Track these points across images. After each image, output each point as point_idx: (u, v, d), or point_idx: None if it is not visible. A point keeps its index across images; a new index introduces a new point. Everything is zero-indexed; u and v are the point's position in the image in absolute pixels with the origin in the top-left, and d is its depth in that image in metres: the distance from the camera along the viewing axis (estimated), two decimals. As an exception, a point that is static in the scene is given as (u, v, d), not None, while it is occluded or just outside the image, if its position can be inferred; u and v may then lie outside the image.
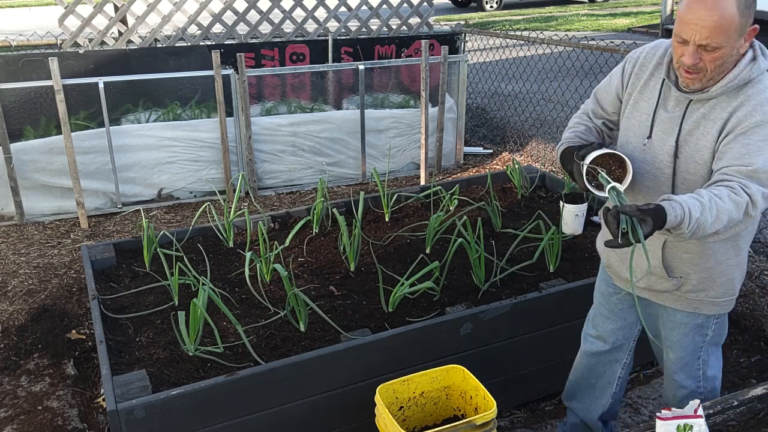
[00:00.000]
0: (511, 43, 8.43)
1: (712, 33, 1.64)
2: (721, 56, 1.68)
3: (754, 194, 1.66)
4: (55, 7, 15.00)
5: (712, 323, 2.03)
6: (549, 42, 5.21)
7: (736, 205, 1.64)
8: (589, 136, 2.07)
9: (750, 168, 1.67)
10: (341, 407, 2.34)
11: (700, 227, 1.62)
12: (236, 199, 3.81)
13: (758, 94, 1.73)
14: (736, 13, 1.63)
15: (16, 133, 4.59)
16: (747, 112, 1.71)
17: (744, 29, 1.67)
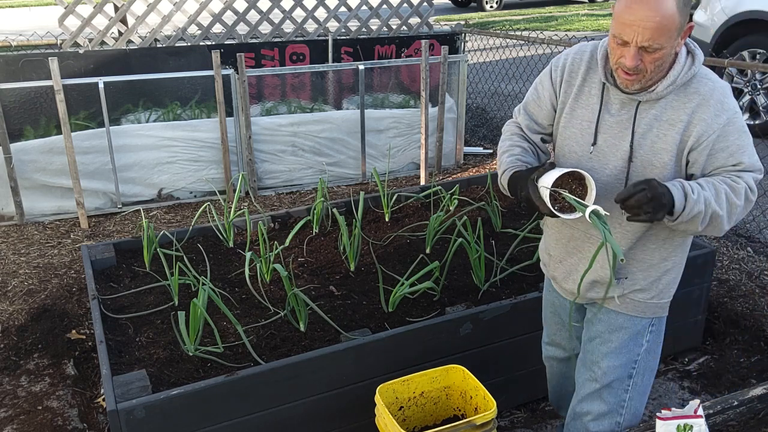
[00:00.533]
0: (511, 43, 8.44)
1: (655, 34, 1.60)
2: (661, 56, 1.65)
3: (749, 182, 1.70)
4: (55, 7, 15.00)
5: (647, 331, 1.95)
6: (549, 42, 5.21)
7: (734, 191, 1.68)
8: (528, 157, 1.95)
9: (739, 167, 1.71)
10: (341, 407, 2.34)
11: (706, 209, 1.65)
12: (236, 199, 3.81)
13: (713, 91, 1.71)
14: (677, 13, 1.60)
15: (16, 133, 4.59)
16: (712, 114, 1.69)
17: (683, 28, 1.64)
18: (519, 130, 2.03)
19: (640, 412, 2.02)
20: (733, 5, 5.78)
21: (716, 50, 5.75)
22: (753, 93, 5.59)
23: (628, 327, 1.94)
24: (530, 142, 2.00)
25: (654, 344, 1.98)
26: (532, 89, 1.99)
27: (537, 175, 1.72)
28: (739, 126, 1.72)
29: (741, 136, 1.71)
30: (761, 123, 5.49)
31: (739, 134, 1.71)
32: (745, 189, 1.70)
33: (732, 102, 1.72)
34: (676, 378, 2.96)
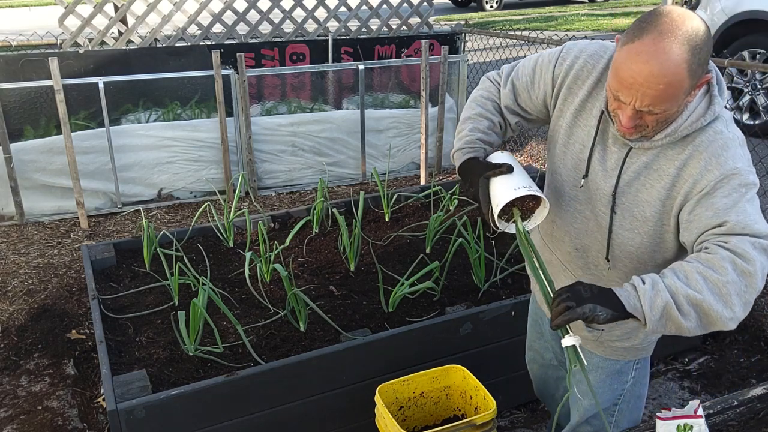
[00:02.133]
0: (511, 43, 8.43)
1: (656, 101, 1.35)
2: (666, 116, 1.41)
3: (738, 246, 1.33)
4: (55, 7, 15.00)
5: (632, 369, 1.83)
6: (549, 42, 5.21)
7: (711, 266, 1.33)
8: (492, 137, 1.76)
9: (724, 227, 1.37)
10: (341, 407, 2.34)
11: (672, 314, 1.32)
12: (236, 199, 3.81)
13: (708, 143, 1.44)
14: (686, 77, 1.33)
15: (16, 133, 4.59)
16: (702, 168, 1.43)
17: (693, 86, 1.37)
18: (496, 99, 1.80)
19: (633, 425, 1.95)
20: (733, 5, 5.78)
21: (716, 50, 5.75)
22: (753, 93, 5.59)
23: (605, 367, 1.82)
24: (503, 118, 1.80)
25: (640, 377, 1.88)
26: (530, 68, 1.73)
27: (491, 176, 1.57)
28: (735, 185, 1.40)
29: (735, 194, 1.39)
30: (761, 123, 5.49)
31: (731, 192, 1.39)
32: (731, 258, 1.32)
33: (733, 157, 1.42)
34: (676, 378, 2.96)
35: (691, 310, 1.32)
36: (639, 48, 1.33)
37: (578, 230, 1.70)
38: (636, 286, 1.35)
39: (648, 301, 1.32)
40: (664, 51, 1.31)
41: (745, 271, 1.32)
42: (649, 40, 1.32)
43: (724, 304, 1.31)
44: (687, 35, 1.32)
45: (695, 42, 1.32)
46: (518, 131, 1.83)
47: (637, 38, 1.34)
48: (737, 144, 1.44)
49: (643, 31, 1.34)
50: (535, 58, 1.73)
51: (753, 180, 1.42)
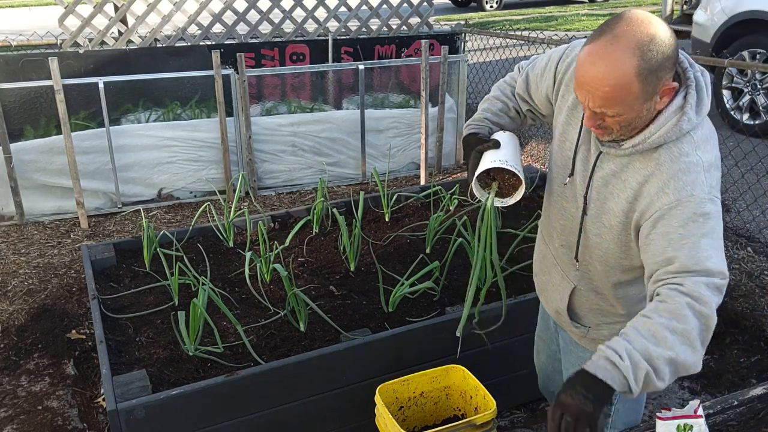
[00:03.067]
0: (511, 43, 8.43)
1: (606, 102, 1.38)
2: (625, 120, 1.42)
3: (693, 290, 1.32)
4: (55, 7, 15.00)
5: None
6: (549, 42, 5.21)
7: (674, 317, 1.31)
8: (502, 119, 1.82)
9: (677, 265, 1.35)
10: (341, 407, 2.34)
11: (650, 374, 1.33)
12: (236, 199, 3.81)
13: (671, 162, 1.42)
14: (635, 81, 1.34)
15: (16, 133, 4.59)
16: (659, 189, 1.42)
17: (652, 93, 1.38)
18: (511, 90, 1.86)
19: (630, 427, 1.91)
20: (733, 5, 5.78)
21: (716, 50, 5.75)
22: (753, 93, 5.59)
23: None
24: (518, 105, 1.85)
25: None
26: (543, 62, 1.76)
27: (481, 149, 1.67)
28: (691, 214, 1.37)
29: (691, 225, 1.37)
30: (761, 123, 5.49)
31: (687, 222, 1.37)
32: (689, 303, 1.31)
33: (692, 183, 1.40)
34: (676, 378, 2.96)
35: (667, 369, 1.34)
36: (591, 49, 1.38)
37: (563, 227, 1.73)
38: (615, 363, 1.31)
39: (632, 376, 1.31)
40: (611, 54, 1.34)
41: (703, 313, 1.32)
42: (602, 42, 1.36)
43: (693, 350, 1.34)
44: (639, 40, 1.33)
45: (647, 47, 1.33)
46: (537, 122, 1.89)
47: (593, 40, 1.38)
48: (700, 169, 1.42)
49: (601, 33, 1.38)
50: (550, 53, 1.76)
51: (711, 209, 1.39)
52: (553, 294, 1.83)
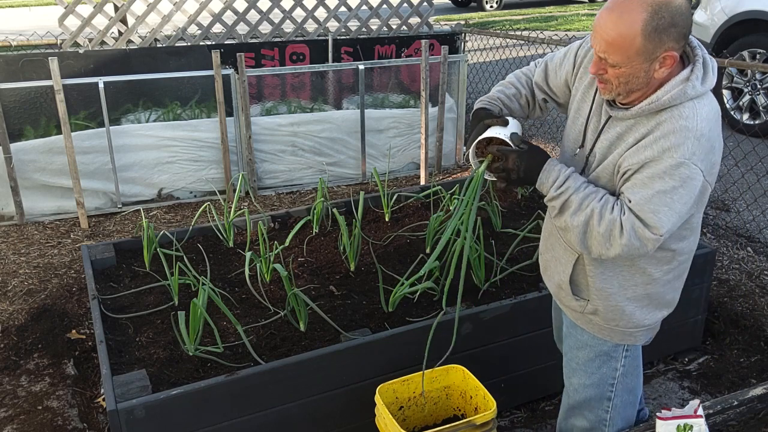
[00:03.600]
0: (511, 43, 8.43)
1: (609, 48, 1.52)
2: (623, 75, 1.55)
3: (626, 222, 1.55)
4: (55, 7, 15.00)
5: (621, 356, 1.87)
6: (549, 42, 5.21)
7: (601, 212, 1.58)
8: (513, 103, 1.91)
9: (629, 203, 1.57)
10: (341, 407, 2.34)
11: (569, 199, 1.63)
12: (236, 199, 3.81)
13: (669, 122, 1.55)
14: (640, 35, 1.47)
15: (16, 133, 4.59)
16: (648, 144, 1.56)
17: (652, 54, 1.51)
18: (531, 76, 1.96)
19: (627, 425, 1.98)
20: (733, 5, 5.78)
21: (716, 50, 5.75)
22: (753, 93, 5.59)
23: (593, 346, 1.89)
24: (532, 94, 1.95)
25: (631, 368, 1.91)
26: (563, 52, 1.89)
27: (489, 123, 1.77)
28: (660, 170, 1.53)
29: (656, 180, 1.53)
30: (761, 123, 5.49)
31: (651, 177, 1.54)
32: (613, 221, 1.56)
33: (677, 145, 1.52)
34: (676, 378, 2.96)
35: (561, 212, 1.64)
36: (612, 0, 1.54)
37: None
38: (555, 183, 1.64)
39: (552, 194, 1.65)
40: (626, 5, 1.50)
41: (616, 239, 1.57)
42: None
43: (580, 240, 1.62)
44: (654, 1, 1.48)
45: (659, 9, 1.47)
46: (545, 115, 2.02)
47: None
48: (691, 135, 1.53)
49: None
50: (568, 47, 1.90)
51: (682, 173, 1.52)
52: (555, 268, 1.89)
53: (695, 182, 1.54)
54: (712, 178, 1.60)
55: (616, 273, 1.76)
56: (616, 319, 1.81)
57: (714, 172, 1.61)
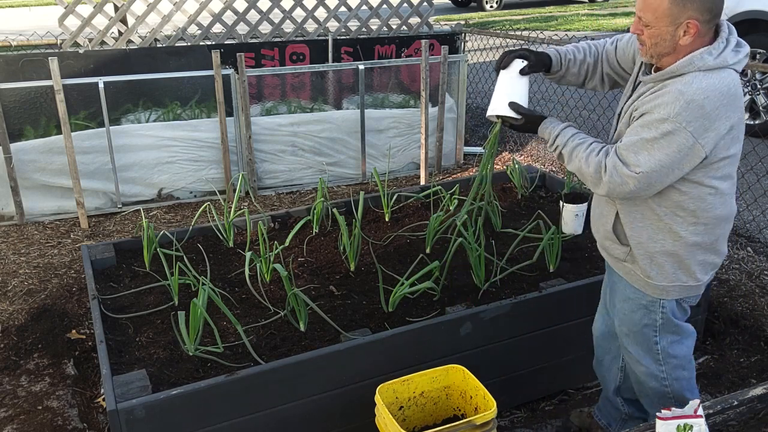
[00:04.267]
0: (511, 43, 8.43)
1: (644, 6, 1.80)
2: (654, 35, 1.81)
3: (608, 162, 1.87)
4: (55, 7, 15.00)
5: (658, 309, 2.07)
6: (549, 42, 5.21)
7: (587, 157, 1.92)
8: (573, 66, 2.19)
9: (619, 145, 1.87)
10: (341, 407, 2.34)
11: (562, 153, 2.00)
12: (236, 199, 3.81)
13: (671, 85, 1.80)
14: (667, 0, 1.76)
15: (16, 133, 4.59)
16: (650, 99, 1.83)
17: (677, 18, 1.76)
18: (596, 50, 2.19)
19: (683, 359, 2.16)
20: (733, 5, 5.78)
21: (716, 50, 5.74)
22: (753, 93, 5.59)
23: (634, 299, 2.10)
24: (594, 63, 2.18)
25: (669, 322, 2.09)
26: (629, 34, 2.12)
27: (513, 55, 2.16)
28: (650, 121, 1.80)
29: (643, 132, 1.81)
30: (761, 123, 5.49)
31: (642, 126, 1.82)
32: (599, 162, 1.89)
33: (669, 104, 1.77)
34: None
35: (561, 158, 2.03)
36: None
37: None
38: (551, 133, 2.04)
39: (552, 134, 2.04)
40: None
41: (602, 177, 1.89)
42: None
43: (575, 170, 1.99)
44: None
45: None
46: (603, 90, 2.25)
47: None
48: (681, 99, 1.76)
49: None
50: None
51: (669, 129, 1.77)
52: (600, 220, 2.13)
53: (677, 138, 1.77)
54: (705, 141, 1.78)
55: (645, 225, 1.98)
56: (648, 270, 2.02)
57: (710, 138, 1.79)
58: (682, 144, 1.77)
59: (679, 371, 2.17)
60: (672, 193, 1.90)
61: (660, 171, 1.81)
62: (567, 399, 2.85)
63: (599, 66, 2.19)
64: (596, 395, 2.87)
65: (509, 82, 2.18)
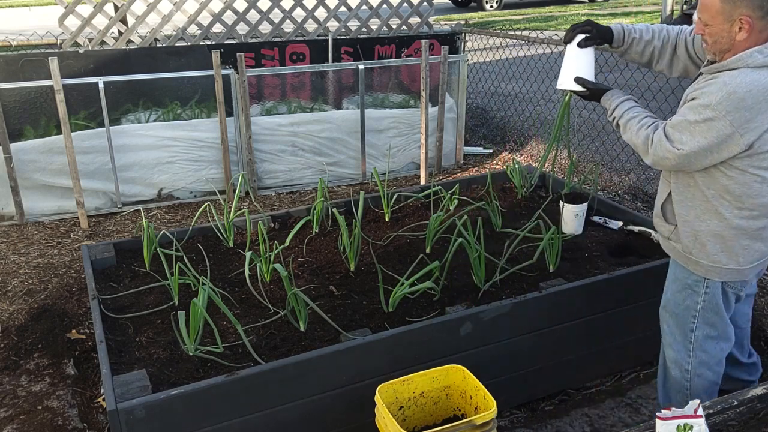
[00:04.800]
0: (511, 43, 8.43)
1: (702, 8, 1.98)
2: (713, 34, 1.97)
3: (655, 137, 2.06)
4: (55, 7, 15.00)
5: (702, 290, 2.20)
6: (549, 42, 5.21)
7: (638, 130, 2.13)
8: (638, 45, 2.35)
9: (668, 122, 2.07)
10: (341, 407, 2.34)
11: (618, 124, 2.22)
12: (236, 199, 3.81)
13: (720, 77, 1.95)
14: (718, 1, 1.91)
15: (16, 133, 4.59)
16: (699, 87, 2.01)
17: (730, 15, 1.91)
18: (667, 35, 2.33)
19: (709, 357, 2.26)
20: None
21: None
22: None
23: (681, 279, 2.26)
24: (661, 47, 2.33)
25: (711, 303, 2.20)
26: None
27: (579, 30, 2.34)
28: (694, 106, 1.96)
29: (688, 114, 1.99)
30: None
31: (689, 110, 1.99)
32: (647, 136, 2.09)
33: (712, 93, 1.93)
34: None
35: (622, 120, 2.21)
36: None
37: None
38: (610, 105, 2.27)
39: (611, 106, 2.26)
40: None
41: (649, 150, 2.10)
42: None
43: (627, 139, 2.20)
44: None
45: None
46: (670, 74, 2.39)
47: None
48: (724, 90, 1.92)
49: None
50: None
51: (710, 116, 1.93)
52: (657, 198, 2.31)
53: (716, 125, 1.92)
54: (745, 131, 1.92)
55: (694, 205, 2.13)
56: (691, 247, 2.17)
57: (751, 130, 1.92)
58: (721, 131, 1.92)
59: (705, 369, 2.27)
60: (720, 177, 2.04)
61: (698, 152, 1.98)
62: (567, 399, 2.85)
63: (667, 51, 2.33)
64: (596, 395, 2.87)
65: (575, 56, 2.37)
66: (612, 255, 3.04)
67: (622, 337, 2.87)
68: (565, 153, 5.58)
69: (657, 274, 2.81)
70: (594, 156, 5.47)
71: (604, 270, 2.85)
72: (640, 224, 3.25)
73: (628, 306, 2.80)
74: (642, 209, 4.52)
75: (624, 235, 3.22)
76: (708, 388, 2.29)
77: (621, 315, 2.80)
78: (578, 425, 2.70)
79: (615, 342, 2.86)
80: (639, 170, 5.14)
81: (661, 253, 3.02)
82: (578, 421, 2.73)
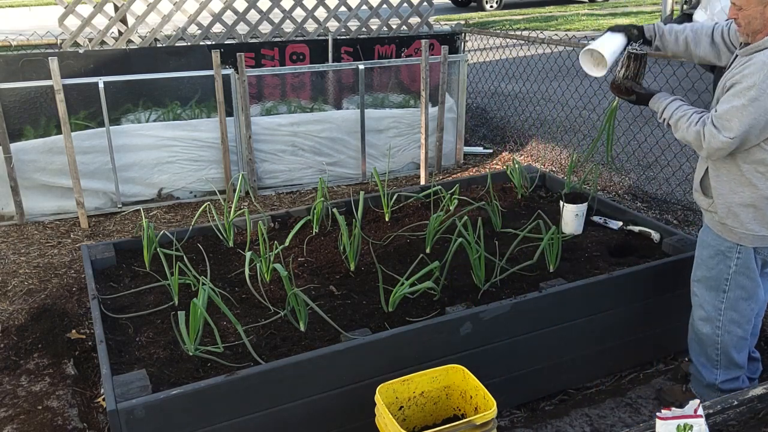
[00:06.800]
0: (511, 43, 8.43)
1: None
2: (746, 16, 2.11)
3: (705, 131, 2.18)
4: (55, 7, 15.00)
5: (734, 255, 2.35)
6: (549, 42, 5.22)
7: (688, 128, 2.24)
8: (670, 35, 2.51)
9: (714, 113, 2.17)
10: (341, 407, 2.34)
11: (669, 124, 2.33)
12: (236, 199, 3.81)
13: (757, 57, 2.08)
14: None
15: (16, 133, 4.59)
16: (738, 71, 2.12)
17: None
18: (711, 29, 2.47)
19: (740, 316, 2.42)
20: (733, 5, 5.77)
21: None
22: None
23: (714, 245, 2.41)
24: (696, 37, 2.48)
25: (743, 268, 2.35)
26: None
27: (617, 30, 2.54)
28: (741, 89, 2.08)
29: (734, 100, 2.10)
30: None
31: (734, 95, 2.10)
32: (698, 132, 2.20)
33: (754, 74, 2.06)
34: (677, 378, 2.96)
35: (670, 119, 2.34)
36: None
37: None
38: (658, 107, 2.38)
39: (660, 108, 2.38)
40: None
41: (702, 144, 2.21)
42: None
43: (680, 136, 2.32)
44: None
45: None
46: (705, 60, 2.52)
47: None
48: (766, 69, 2.05)
49: None
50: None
51: (755, 95, 2.06)
52: (695, 175, 2.46)
53: (762, 103, 2.05)
54: None
55: (729, 178, 2.28)
56: (725, 217, 2.32)
57: None
58: (759, 102, 2.06)
59: (734, 327, 2.44)
60: (756, 150, 2.17)
61: (750, 132, 2.10)
62: (567, 399, 2.85)
63: (703, 39, 2.47)
64: (596, 395, 2.87)
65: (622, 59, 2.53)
66: (612, 255, 3.04)
67: (621, 337, 2.87)
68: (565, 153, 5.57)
69: (657, 274, 2.81)
70: (594, 156, 5.47)
71: (604, 270, 2.85)
72: (640, 224, 3.25)
73: (627, 306, 2.80)
74: (642, 209, 4.52)
75: (624, 235, 3.23)
76: (737, 342, 2.46)
77: (621, 315, 2.80)
78: (578, 425, 2.70)
79: (615, 342, 2.86)
80: (639, 170, 5.14)
81: (660, 253, 3.03)
82: (578, 421, 2.73)
